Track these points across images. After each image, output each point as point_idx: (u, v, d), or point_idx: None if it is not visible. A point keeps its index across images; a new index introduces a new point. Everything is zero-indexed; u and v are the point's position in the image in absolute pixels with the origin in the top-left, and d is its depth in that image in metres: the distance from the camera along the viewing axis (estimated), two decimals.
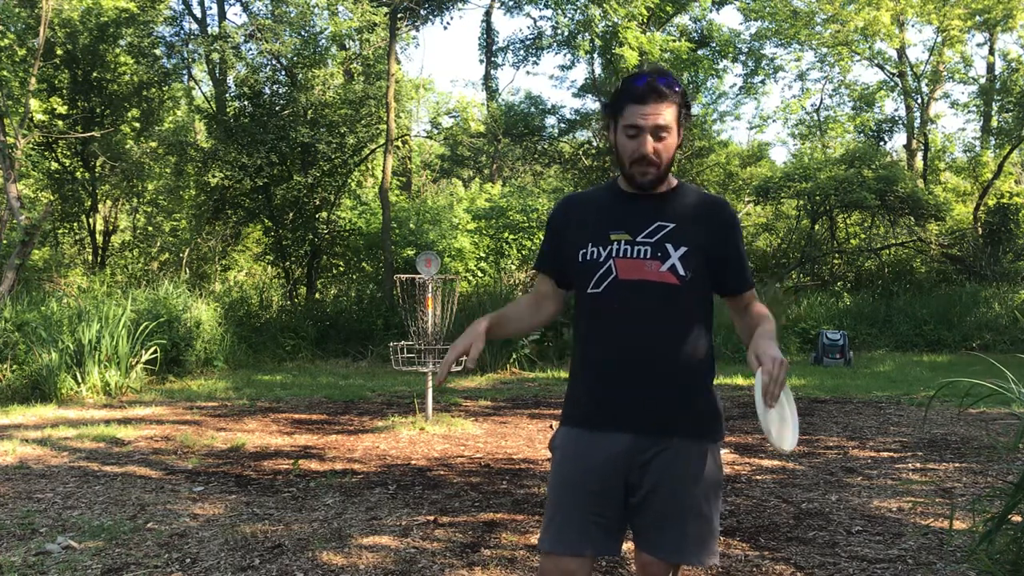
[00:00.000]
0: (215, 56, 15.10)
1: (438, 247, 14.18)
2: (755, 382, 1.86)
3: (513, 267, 15.69)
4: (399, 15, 15.11)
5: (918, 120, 20.95)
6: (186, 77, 18.94)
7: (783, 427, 1.92)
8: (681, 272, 1.99)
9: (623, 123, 2.00)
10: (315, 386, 9.38)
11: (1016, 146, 19.08)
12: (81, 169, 15.01)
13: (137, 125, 15.43)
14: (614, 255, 2.02)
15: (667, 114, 1.98)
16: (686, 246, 2.00)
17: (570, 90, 38.74)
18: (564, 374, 10.10)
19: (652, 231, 2.02)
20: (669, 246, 2.00)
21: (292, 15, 15.15)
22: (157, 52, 15.49)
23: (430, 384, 6.85)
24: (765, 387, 1.84)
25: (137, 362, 8.95)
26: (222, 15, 17.96)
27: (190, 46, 16.52)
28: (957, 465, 5.22)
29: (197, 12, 18.44)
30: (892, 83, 22.16)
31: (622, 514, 2.03)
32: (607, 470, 2.00)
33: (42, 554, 3.58)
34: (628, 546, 3.62)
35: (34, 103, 12.25)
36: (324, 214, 15.20)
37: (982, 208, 17.66)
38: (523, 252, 15.49)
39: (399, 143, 15.54)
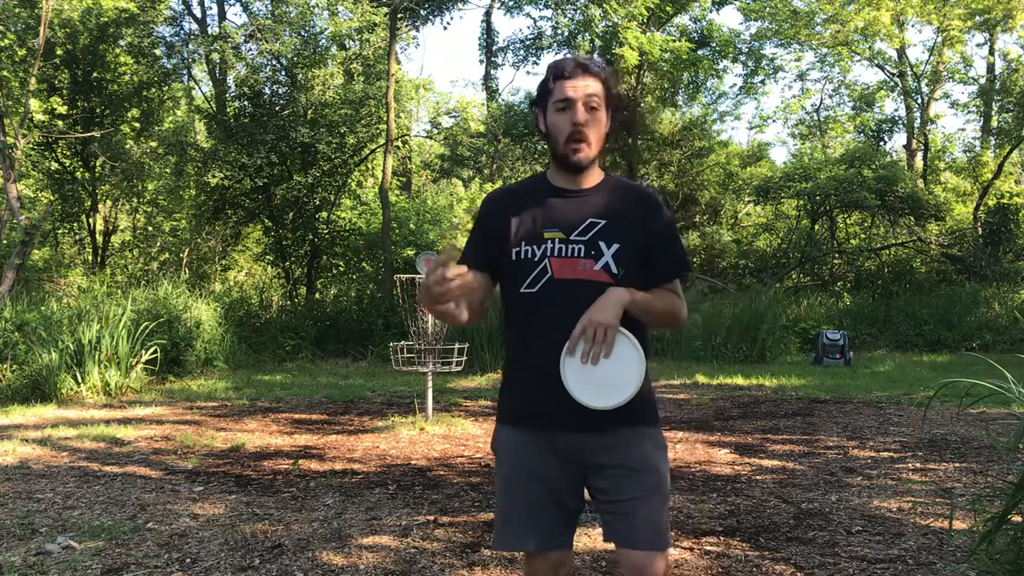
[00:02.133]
0: (215, 56, 15.11)
1: (438, 247, 14.17)
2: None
3: None
4: (399, 15, 15.12)
5: (918, 120, 20.96)
6: (186, 77, 18.95)
7: (599, 384, 1.90)
8: (614, 270, 1.99)
9: (553, 100, 2.02)
10: (315, 386, 9.38)
11: (1016, 146, 19.09)
12: (81, 169, 15.01)
13: (137, 125, 15.44)
14: (549, 254, 2.00)
15: (595, 87, 2.00)
16: (618, 243, 2.00)
17: None
18: None
19: (584, 228, 2.02)
20: (602, 244, 2.00)
21: (292, 15, 15.16)
22: (157, 52, 15.50)
23: (430, 384, 6.86)
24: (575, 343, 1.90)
25: (137, 362, 8.95)
26: (222, 15, 18.00)
27: (190, 46, 16.52)
28: (957, 465, 5.22)
29: (197, 12, 18.47)
30: (892, 83, 22.18)
31: (575, 509, 2.06)
32: (563, 464, 2.01)
33: (42, 554, 3.58)
34: None
35: (34, 103, 12.25)
36: (324, 214, 15.21)
37: (982, 208, 17.67)
38: None
39: (399, 143, 15.56)
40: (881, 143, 22.34)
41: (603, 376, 1.90)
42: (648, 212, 2.06)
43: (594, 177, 2.08)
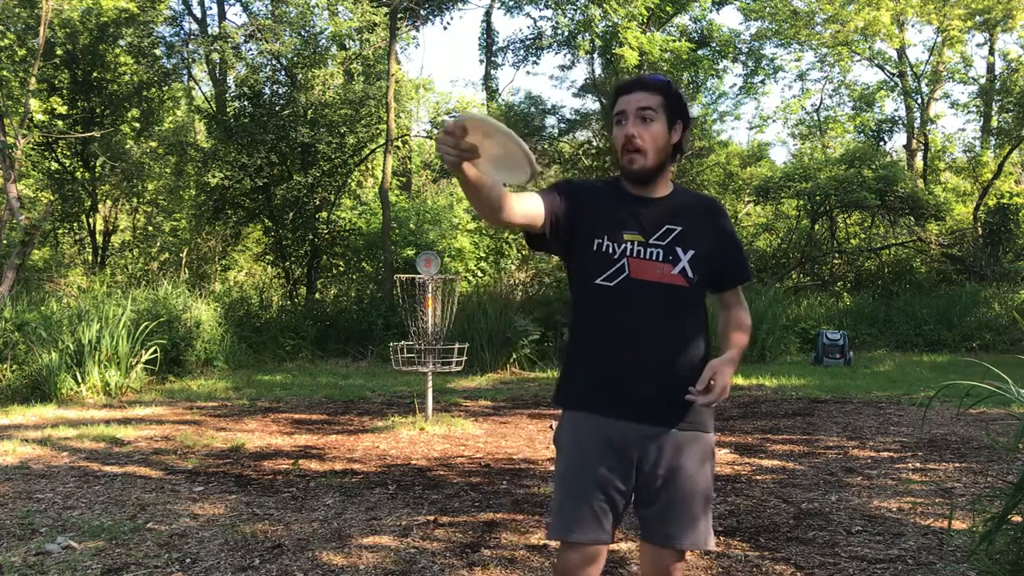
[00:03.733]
0: (215, 56, 15.11)
1: (438, 247, 14.17)
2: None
3: (513, 267, 15.70)
4: (399, 15, 15.11)
5: (918, 120, 20.94)
6: (186, 77, 18.94)
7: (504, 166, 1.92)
8: (690, 275, 2.10)
9: (614, 113, 2.13)
10: (315, 386, 9.38)
11: (1016, 146, 19.07)
12: (81, 169, 15.00)
13: (137, 125, 15.42)
14: (628, 254, 2.09)
15: (650, 99, 2.08)
16: (694, 249, 2.11)
17: (570, 90, 38.66)
18: None
19: (663, 234, 2.12)
20: (679, 249, 2.10)
21: (292, 15, 15.15)
22: (157, 52, 15.50)
23: (430, 384, 6.86)
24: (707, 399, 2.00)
25: (137, 362, 8.95)
26: (222, 15, 17.98)
27: (190, 46, 16.52)
28: (957, 465, 5.22)
29: (197, 12, 18.45)
30: (892, 83, 22.16)
31: (626, 501, 2.14)
32: (619, 457, 2.09)
33: (42, 554, 3.58)
34: (626, 546, 3.62)
35: (34, 103, 12.24)
36: (324, 214, 15.20)
37: (982, 208, 17.66)
38: (523, 252, 15.46)
39: (399, 143, 15.56)
40: (881, 143, 22.32)
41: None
42: (717, 220, 2.19)
43: (665, 187, 2.18)
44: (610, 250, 2.10)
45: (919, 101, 20.98)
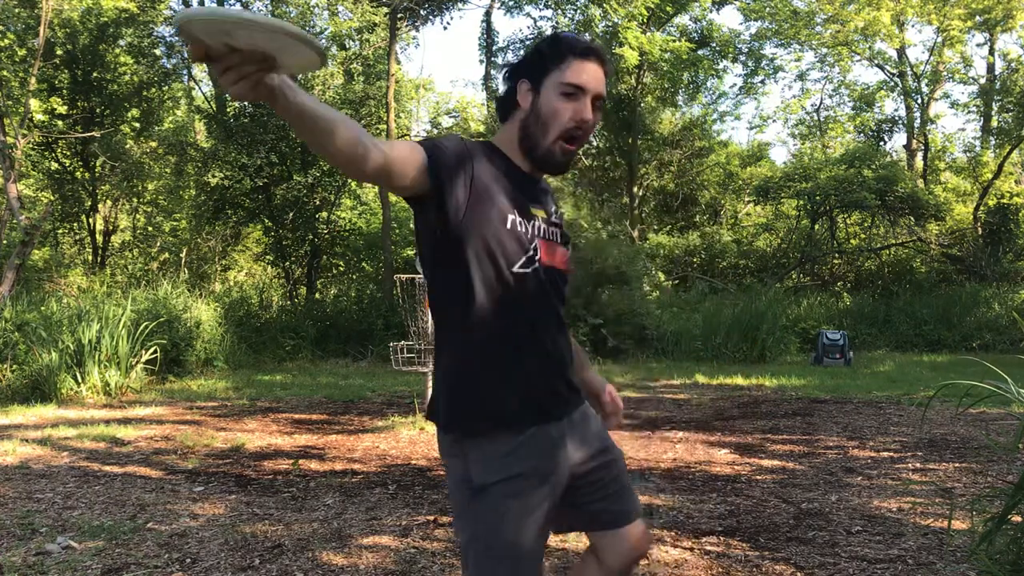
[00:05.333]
0: None
1: None
2: None
3: None
4: (399, 15, 15.12)
5: (918, 120, 20.97)
6: (186, 77, 18.96)
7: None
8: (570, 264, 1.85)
9: (561, 80, 1.65)
10: (315, 386, 9.39)
11: (1016, 146, 19.09)
12: (81, 169, 15.02)
13: (137, 125, 15.44)
14: (538, 234, 1.70)
15: (604, 83, 1.69)
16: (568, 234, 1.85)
17: None
18: None
19: (558, 213, 1.82)
20: (568, 233, 1.84)
21: (292, 15, 15.16)
22: (157, 52, 15.52)
23: (430, 384, 6.86)
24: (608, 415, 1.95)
25: (137, 362, 8.95)
26: None
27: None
28: (957, 465, 5.22)
29: None
30: (892, 83, 22.19)
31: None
32: (558, 464, 1.75)
33: (42, 554, 3.58)
34: None
35: (34, 103, 12.25)
36: (324, 214, 15.21)
37: (982, 208, 17.68)
38: None
39: None
40: (881, 143, 22.36)
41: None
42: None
43: None
44: (521, 228, 1.66)
45: (919, 101, 21.00)
